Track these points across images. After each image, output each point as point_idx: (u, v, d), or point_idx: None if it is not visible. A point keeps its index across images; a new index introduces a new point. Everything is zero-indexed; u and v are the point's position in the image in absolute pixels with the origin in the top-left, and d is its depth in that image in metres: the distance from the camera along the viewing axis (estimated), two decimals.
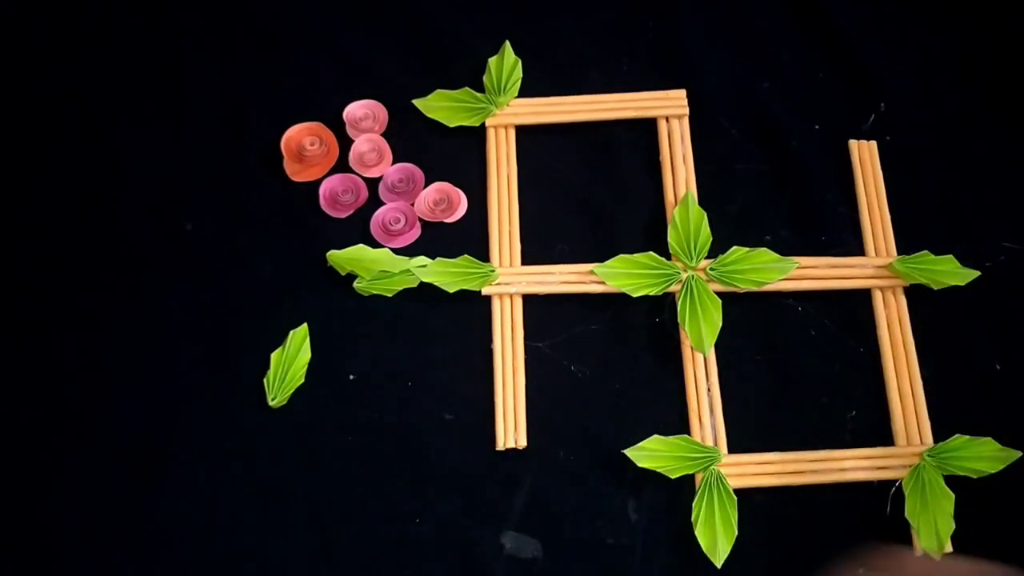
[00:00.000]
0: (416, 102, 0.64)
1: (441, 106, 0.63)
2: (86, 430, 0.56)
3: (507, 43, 0.65)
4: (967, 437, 0.54)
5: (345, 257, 0.58)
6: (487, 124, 0.63)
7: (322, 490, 0.54)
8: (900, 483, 0.54)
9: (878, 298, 0.59)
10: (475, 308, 0.58)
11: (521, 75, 0.64)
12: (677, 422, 0.56)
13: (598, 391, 0.57)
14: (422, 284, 0.58)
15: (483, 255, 0.59)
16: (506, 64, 0.64)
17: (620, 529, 0.53)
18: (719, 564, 0.52)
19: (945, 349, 0.58)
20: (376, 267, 0.58)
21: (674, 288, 0.58)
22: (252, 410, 0.56)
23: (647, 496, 0.54)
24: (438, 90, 0.64)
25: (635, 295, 0.57)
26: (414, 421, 0.56)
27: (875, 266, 0.59)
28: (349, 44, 0.67)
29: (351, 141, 0.63)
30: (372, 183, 0.62)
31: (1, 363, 0.57)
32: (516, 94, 0.64)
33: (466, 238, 0.60)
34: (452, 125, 0.63)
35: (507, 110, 0.63)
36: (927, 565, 0.51)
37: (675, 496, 0.54)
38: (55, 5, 0.68)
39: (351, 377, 0.57)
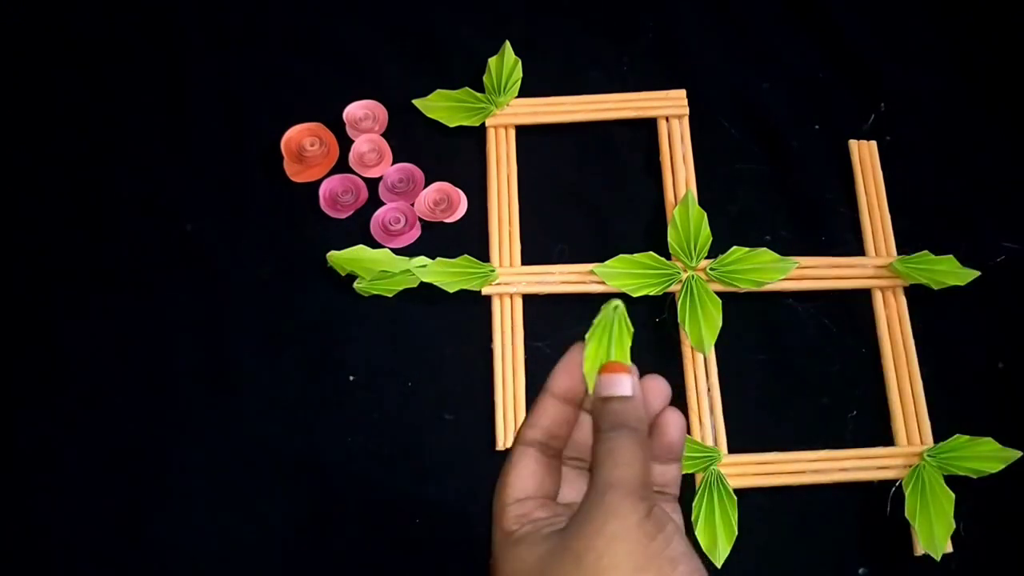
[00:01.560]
0: (416, 102, 0.64)
1: (441, 106, 0.63)
2: (85, 430, 0.56)
3: (507, 43, 0.65)
4: (967, 437, 0.54)
5: (345, 257, 0.58)
6: (487, 124, 0.63)
7: (321, 491, 0.54)
8: (900, 483, 0.54)
9: (878, 298, 0.59)
10: (475, 308, 0.58)
11: (521, 75, 0.64)
12: None
13: None
14: (422, 284, 0.58)
15: (483, 255, 0.59)
16: (506, 64, 0.64)
17: None
18: (719, 564, 0.51)
19: (945, 349, 0.58)
20: (376, 267, 0.58)
21: (674, 288, 0.58)
22: (252, 410, 0.56)
23: None
24: (438, 90, 0.64)
25: (635, 295, 0.57)
26: (414, 421, 0.56)
27: (875, 266, 0.59)
28: (349, 44, 0.67)
29: (351, 141, 0.63)
30: (372, 183, 0.62)
31: (0, 364, 0.57)
32: (516, 94, 0.64)
33: (466, 238, 0.60)
34: (452, 125, 0.63)
35: (507, 110, 0.63)
36: None
37: None
38: (55, 4, 0.68)
39: (351, 377, 0.57)
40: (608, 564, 0.34)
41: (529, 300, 0.59)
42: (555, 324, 0.58)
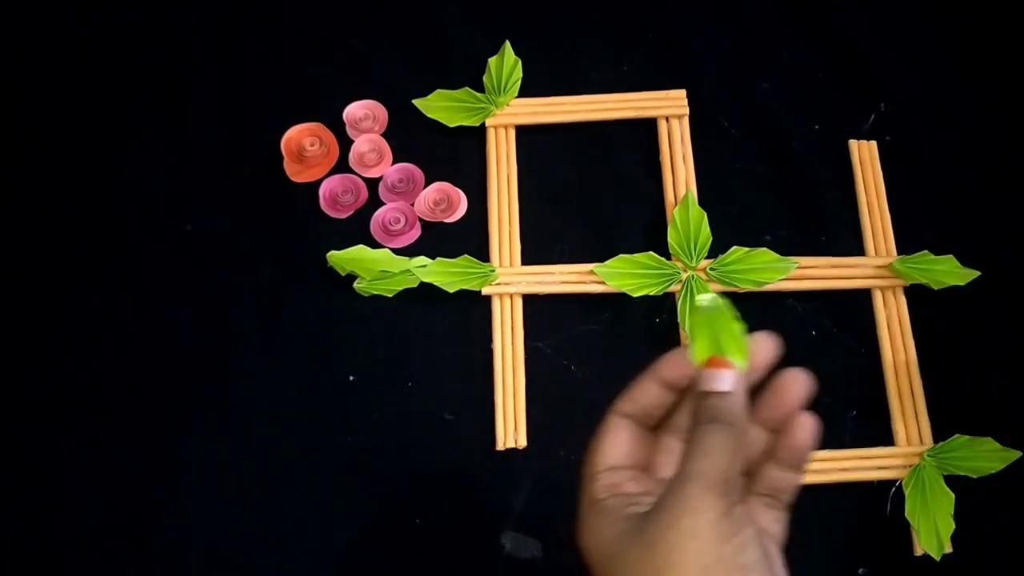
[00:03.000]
0: (416, 102, 0.64)
1: (441, 106, 0.63)
2: (86, 431, 0.56)
3: (507, 43, 0.65)
4: (967, 437, 0.54)
5: (345, 257, 0.58)
6: (487, 124, 0.63)
7: (322, 490, 0.54)
8: (900, 483, 0.54)
9: (878, 298, 0.59)
10: (475, 308, 0.58)
11: (521, 75, 0.64)
12: None
13: (598, 391, 0.57)
14: (422, 284, 0.58)
15: (483, 255, 0.59)
16: (506, 64, 0.64)
17: None
18: None
19: (945, 349, 0.58)
20: (376, 267, 0.58)
21: (674, 288, 0.58)
22: (253, 410, 0.56)
23: None
24: (438, 90, 0.64)
25: (635, 295, 0.57)
26: (414, 421, 0.56)
27: (875, 266, 0.59)
28: (349, 44, 0.67)
29: (351, 141, 0.63)
30: (372, 183, 0.62)
31: (1, 364, 0.57)
32: (516, 94, 0.64)
33: (466, 238, 0.60)
34: (452, 125, 0.63)
35: (507, 110, 0.63)
36: None
37: None
38: (55, 5, 0.68)
39: (351, 377, 0.57)
40: (677, 560, 0.35)
41: (529, 300, 0.59)
42: (555, 324, 0.58)
